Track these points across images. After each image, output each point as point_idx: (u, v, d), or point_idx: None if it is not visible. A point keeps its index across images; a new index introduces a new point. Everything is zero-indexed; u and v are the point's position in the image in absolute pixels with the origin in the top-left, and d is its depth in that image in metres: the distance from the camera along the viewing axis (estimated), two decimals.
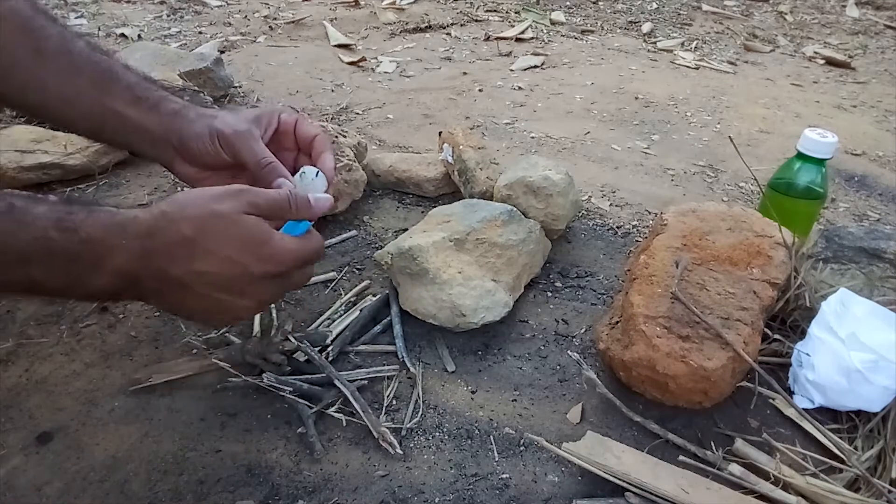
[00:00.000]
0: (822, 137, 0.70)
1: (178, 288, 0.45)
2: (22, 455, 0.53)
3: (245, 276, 0.46)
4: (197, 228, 0.44)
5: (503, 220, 0.70)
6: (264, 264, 0.46)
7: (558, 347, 0.66)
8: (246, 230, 0.46)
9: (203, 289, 0.45)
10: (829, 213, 0.96)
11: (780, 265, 0.61)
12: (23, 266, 0.39)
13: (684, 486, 0.49)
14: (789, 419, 0.58)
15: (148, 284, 0.45)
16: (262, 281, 0.47)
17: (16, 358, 0.62)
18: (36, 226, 0.39)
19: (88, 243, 0.41)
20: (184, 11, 1.84)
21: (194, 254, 0.44)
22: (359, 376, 0.60)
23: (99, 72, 0.54)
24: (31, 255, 0.39)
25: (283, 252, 0.47)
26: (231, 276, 0.45)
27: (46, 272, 0.40)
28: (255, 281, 0.46)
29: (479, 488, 0.52)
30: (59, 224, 0.40)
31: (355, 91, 1.34)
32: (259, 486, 0.51)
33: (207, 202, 0.45)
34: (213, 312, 0.48)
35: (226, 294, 0.46)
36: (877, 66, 1.71)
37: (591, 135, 1.17)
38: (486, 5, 2.05)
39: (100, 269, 0.42)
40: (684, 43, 1.81)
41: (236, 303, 0.47)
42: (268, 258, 0.46)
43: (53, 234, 0.40)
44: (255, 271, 0.46)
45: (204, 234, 0.44)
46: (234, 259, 0.45)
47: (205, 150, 0.55)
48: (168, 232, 0.44)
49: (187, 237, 0.44)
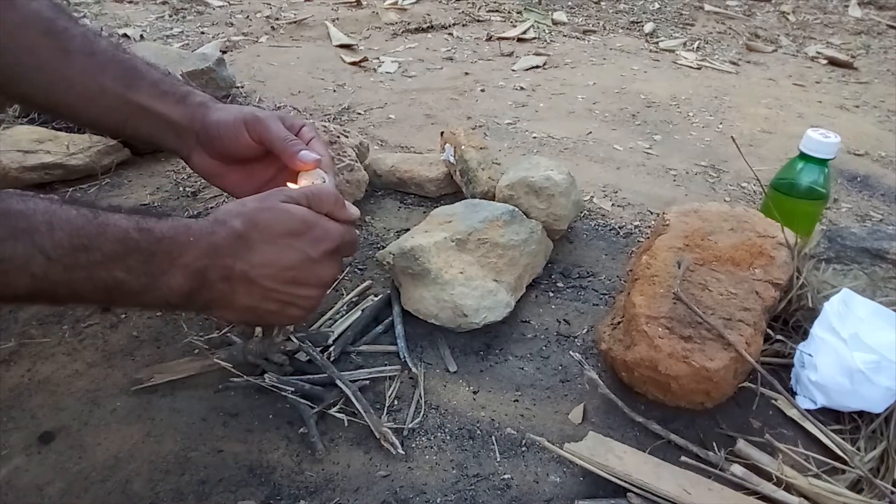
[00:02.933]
0: (825, 138, 0.70)
1: (245, 284, 0.47)
2: (24, 455, 0.53)
3: (305, 260, 0.48)
4: (247, 223, 0.47)
5: (505, 221, 0.70)
6: (319, 244, 0.49)
7: (560, 348, 0.66)
8: (293, 217, 0.48)
9: (267, 281, 0.47)
10: (832, 213, 0.96)
11: (783, 265, 0.61)
12: (108, 266, 0.41)
13: (686, 487, 0.49)
14: (791, 420, 0.58)
15: (217, 285, 0.46)
16: (321, 261, 0.49)
17: (18, 358, 0.62)
18: (119, 227, 0.42)
19: (163, 241, 0.43)
20: (186, 12, 1.84)
21: (252, 246, 0.47)
22: (360, 376, 0.60)
23: (124, 69, 0.56)
24: (116, 254, 0.42)
25: (332, 228, 0.50)
26: (290, 262, 0.48)
27: (129, 272, 0.42)
28: (314, 262, 0.49)
29: (480, 489, 0.52)
30: (138, 225, 0.43)
31: (357, 91, 1.34)
32: (261, 486, 0.51)
33: (248, 203, 0.48)
34: (282, 307, 0.50)
35: (290, 285, 0.48)
36: (879, 67, 1.71)
37: (593, 135, 1.17)
38: (488, 5, 2.05)
39: (174, 266, 0.44)
40: (686, 43, 1.81)
41: (302, 293, 0.50)
42: (321, 237, 0.49)
43: (134, 234, 0.42)
44: (312, 253, 0.48)
45: (255, 226, 0.47)
46: (290, 244, 0.48)
47: (228, 135, 0.57)
48: (223, 231, 0.46)
49: (241, 232, 0.46)
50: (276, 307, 0.50)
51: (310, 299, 0.51)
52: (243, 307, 0.49)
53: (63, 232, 0.39)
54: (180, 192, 0.90)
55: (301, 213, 0.49)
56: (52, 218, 0.39)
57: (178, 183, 0.92)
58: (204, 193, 0.90)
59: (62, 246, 0.39)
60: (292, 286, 0.49)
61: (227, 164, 0.60)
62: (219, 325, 0.67)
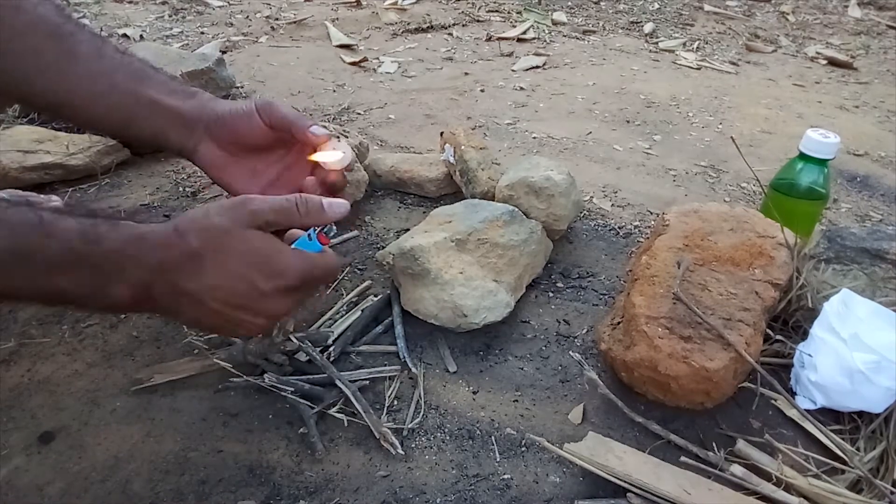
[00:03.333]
0: (825, 138, 0.70)
1: (192, 302, 0.46)
2: (24, 455, 0.53)
3: (254, 292, 0.46)
4: (204, 242, 0.45)
5: (505, 221, 0.70)
6: (272, 280, 0.46)
7: (560, 348, 0.66)
8: (251, 245, 0.46)
9: (215, 304, 0.46)
10: (832, 213, 0.96)
11: (782, 266, 0.61)
12: (50, 275, 0.41)
13: (686, 487, 0.49)
14: (791, 420, 0.58)
15: (163, 299, 0.46)
16: (272, 296, 0.47)
17: (18, 358, 0.62)
18: (63, 238, 0.41)
19: (110, 254, 0.42)
20: (186, 12, 1.84)
21: (203, 267, 0.45)
22: (360, 376, 0.60)
23: (133, 69, 0.56)
24: (59, 264, 0.41)
25: (289, 267, 0.47)
26: (240, 291, 0.46)
27: (71, 282, 0.42)
28: (264, 296, 0.47)
29: (480, 489, 0.52)
30: (84, 237, 0.42)
31: (357, 91, 1.34)
32: (260, 487, 0.51)
33: (212, 216, 0.46)
34: (228, 327, 0.49)
35: (238, 310, 0.47)
36: (879, 67, 1.71)
37: (592, 135, 1.17)
38: (488, 6, 2.05)
39: (119, 280, 0.43)
40: (686, 43, 1.81)
41: (248, 319, 0.48)
42: (275, 273, 0.46)
43: (79, 245, 0.41)
44: (264, 287, 0.46)
45: (211, 247, 0.45)
46: (242, 274, 0.46)
47: (241, 120, 0.57)
48: (178, 245, 0.44)
49: (195, 251, 0.45)
50: (223, 325, 0.49)
51: (258, 326, 0.49)
52: (190, 319, 0.49)
53: (5, 240, 0.39)
54: (180, 192, 0.90)
55: (260, 243, 0.46)
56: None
57: (178, 183, 0.92)
58: (204, 194, 0.90)
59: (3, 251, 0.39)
60: (240, 311, 0.47)
61: (235, 154, 0.59)
62: None
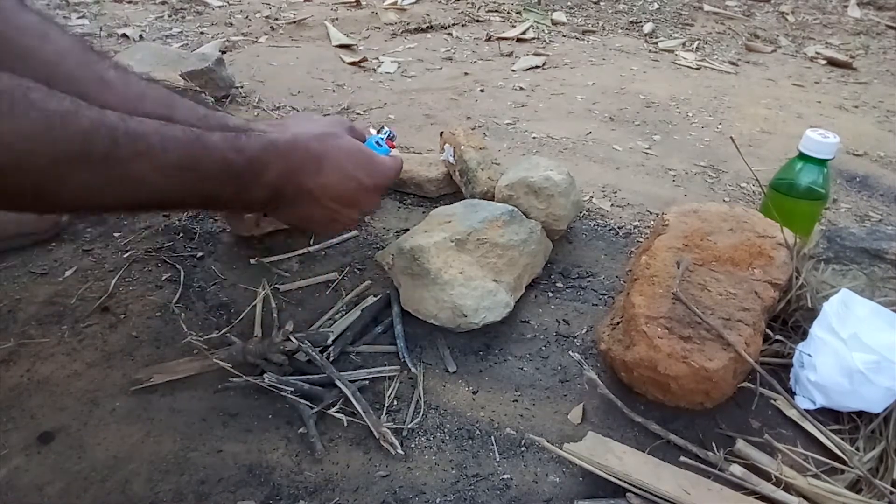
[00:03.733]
0: (824, 138, 0.70)
1: (308, 198, 0.57)
2: (23, 455, 0.53)
3: (359, 189, 0.59)
4: (321, 147, 0.56)
5: (504, 221, 0.70)
6: (373, 178, 0.60)
7: (559, 348, 0.66)
8: (356, 150, 0.59)
9: (327, 200, 0.58)
10: (831, 213, 0.96)
11: (782, 266, 0.61)
12: (208, 181, 0.50)
13: (686, 487, 0.49)
14: (791, 420, 0.58)
15: (289, 197, 0.56)
16: (370, 192, 0.60)
17: (17, 358, 0.62)
18: (218, 149, 0.49)
19: (252, 161, 0.52)
20: (185, 12, 1.84)
21: (321, 169, 0.56)
22: (360, 376, 0.60)
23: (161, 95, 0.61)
24: (215, 173, 0.49)
25: (385, 168, 0.62)
26: (349, 188, 0.58)
27: (224, 186, 0.51)
28: (366, 191, 0.60)
29: (480, 489, 0.52)
30: (233, 146, 0.50)
31: (357, 91, 1.34)
32: (260, 487, 0.51)
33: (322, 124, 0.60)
34: (330, 220, 0.61)
35: (341, 204, 0.59)
36: (878, 67, 1.71)
37: (592, 135, 1.17)
38: (488, 5, 2.05)
39: (258, 183, 0.53)
40: (686, 43, 1.81)
41: (345, 212, 0.60)
42: (375, 173, 0.60)
43: (231, 155, 0.50)
44: (367, 183, 0.59)
45: (327, 152, 0.57)
46: (351, 174, 0.58)
47: None
48: (301, 152, 0.55)
49: (315, 155, 0.56)
50: (326, 219, 0.61)
51: (352, 220, 0.63)
52: (301, 215, 0.60)
53: (174, 154, 0.46)
54: None
55: (364, 150, 0.60)
56: (163, 139, 0.46)
57: None
58: None
59: (173, 165, 0.46)
60: (344, 206, 0.59)
61: None
62: (218, 326, 0.67)
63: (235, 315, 0.68)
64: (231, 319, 0.68)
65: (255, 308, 0.68)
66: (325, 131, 0.58)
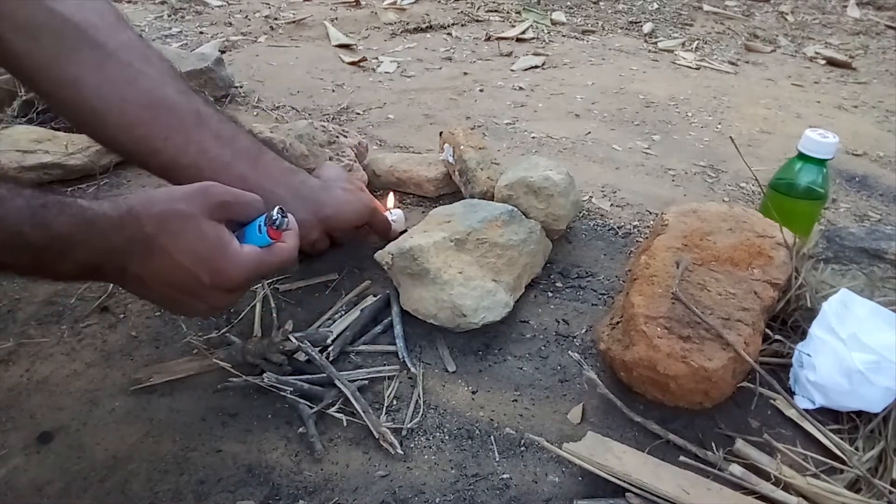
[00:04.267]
0: (823, 138, 0.70)
1: (137, 282, 0.49)
2: (23, 455, 0.53)
3: (196, 284, 0.49)
4: (158, 227, 0.47)
5: (504, 221, 0.70)
6: (214, 277, 0.49)
7: (559, 348, 0.66)
8: (203, 238, 0.48)
9: (158, 286, 0.49)
10: (830, 213, 0.96)
11: (781, 266, 0.61)
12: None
13: (685, 487, 0.49)
14: (790, 420, 0.58)
15: (110, 276, 0.48)
16: (213, 290, 0.50)
17: (16, 358, 0.62)
18: (11, 221, 0.42)
19: (57, 239, 0.43)
20: (185, 11, 1.84)
21: (152, 252, 0.47)
22: (359, 376, 0.60)
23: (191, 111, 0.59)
24: (6, 244, 0.42)
25: (235, 267, 0.49)
26: (183, 280, 0.48)
27: (18, 259, 0.43)
28: (206, 289, 0.49)
29: (479, 488, 0.52)
30: (33, 220, 0.42)
31: (356, 91, 1.34)
32: (260, 486, 0.51)
33: (173, 201, 0.48)
34: (171, 306, 0.53)
35: (179, 294, 0.49)
36: (878, 67, 1.71)
37: (591, 135, 1.17)
38: (487, 5, 2.05)
39: (66, 260, 0.45)
40: (685, 43, 1.81)
41: (189, 303, 0.51)
42: (218, 272, 0.49)
43: (27, 229, 0.42)
44: (206, 282, 0.48)
45: (163, 233, 0.47)
46: (187, 266, 0.48)
47: None
48: (130, 229, 0.46)
49: (147, 235, 0.46)
50: (170, 304, 0.52)
51: (198, 311, 0.53)
52: (136, 293, 0.52)
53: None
54: None
55: (212, 237, 0.49)
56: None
57: None
58: None
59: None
60: (183, 296, 0.50)
61: None
62: (218, 325, 0.67)
63: (235, 315, 0.68)
64: (230, 319, 0.68)
65: (255, 308, 0.68)
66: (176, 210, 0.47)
